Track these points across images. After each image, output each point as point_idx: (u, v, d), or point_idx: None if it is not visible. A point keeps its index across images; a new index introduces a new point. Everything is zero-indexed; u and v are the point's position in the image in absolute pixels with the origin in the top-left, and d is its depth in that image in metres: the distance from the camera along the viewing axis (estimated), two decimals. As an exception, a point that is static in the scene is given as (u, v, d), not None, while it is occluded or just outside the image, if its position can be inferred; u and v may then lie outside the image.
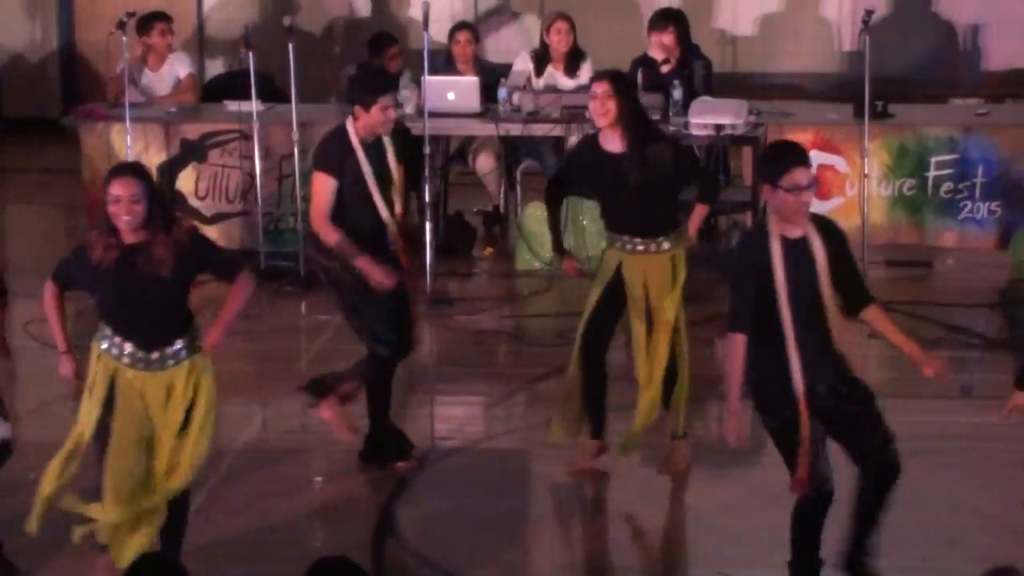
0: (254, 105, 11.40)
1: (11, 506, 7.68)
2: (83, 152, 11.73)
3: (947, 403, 8.88)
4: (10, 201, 11.39)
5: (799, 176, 6.80)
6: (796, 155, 7.04)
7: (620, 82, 8.56)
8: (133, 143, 11.43)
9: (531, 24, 13.85)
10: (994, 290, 10.10)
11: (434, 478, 8.38)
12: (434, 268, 10.72)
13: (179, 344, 7.17)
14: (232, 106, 11.73)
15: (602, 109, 8.41)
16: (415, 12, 13.26)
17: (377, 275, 8.18)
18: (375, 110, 8.43)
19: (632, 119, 8.46)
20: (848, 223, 10.40)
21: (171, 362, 7.15)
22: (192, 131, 11.85)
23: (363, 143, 8.56)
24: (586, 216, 11.47)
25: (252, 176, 11.57)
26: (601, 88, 8.43)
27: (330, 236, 8.24)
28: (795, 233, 6.90)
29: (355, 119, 8.56)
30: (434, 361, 9.54)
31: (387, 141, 8.75)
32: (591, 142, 8.75)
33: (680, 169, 8.57)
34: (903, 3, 14.01)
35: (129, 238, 6.95)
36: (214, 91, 13.02)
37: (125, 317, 7.08)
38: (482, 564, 7.80)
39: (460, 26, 12.94)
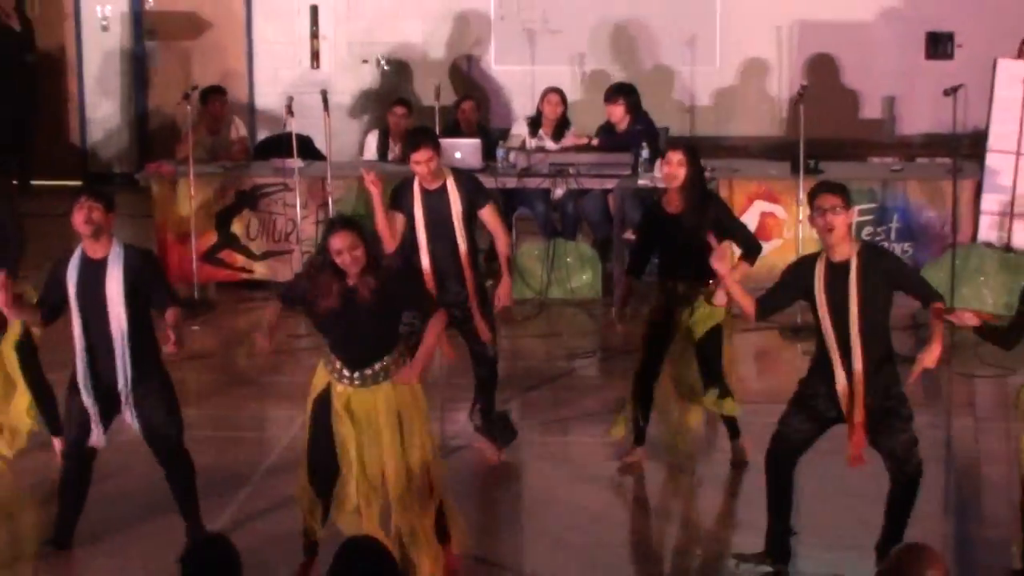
0: (295, 162, 11.34)
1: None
2: (154, 202, 11.72)
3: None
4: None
5: (821, 200, 6.82)
6: (824, 186, 7.08)
7: (692, 153, 8.45)
8: (196, 194, 11.37)
9: (525, 97, 13.76)
10: (908, 315, 10.06)
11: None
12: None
13: (381, 363, 6.99)
14: (277, 163, 11.70)
15: (674, 174, 8.31)
16: (431, 84, 13.28)
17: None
18: (411, 164, 8.34)
19: (695, 184, 8.37)
20: (785, 261, 10.40)
21: (372, 381, 6.99)
22: (245, 184, 11.83)
23: (424, 190, 8.42)
24: (571, 255, 11.50)
25: (294, 221, 11.58)
26: (676, 156, 8.34)
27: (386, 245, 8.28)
28: (838, 257, 6.88)
29: None
30: (444, 375, 9.49)
31: (454, 192, 8.53)
32: (655, 207, 8.65)
33: (725, 224, 8.43)
34: (832, 78, 14.08)
35: (353, 281, 6.84)
36: (263, 150, 13.02)
37: (343, 342, 6.97)
38: (485, 541, 7.69)
39: (464, 98, 13.08)
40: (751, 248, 8.48)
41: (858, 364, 6.91)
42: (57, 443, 8.24)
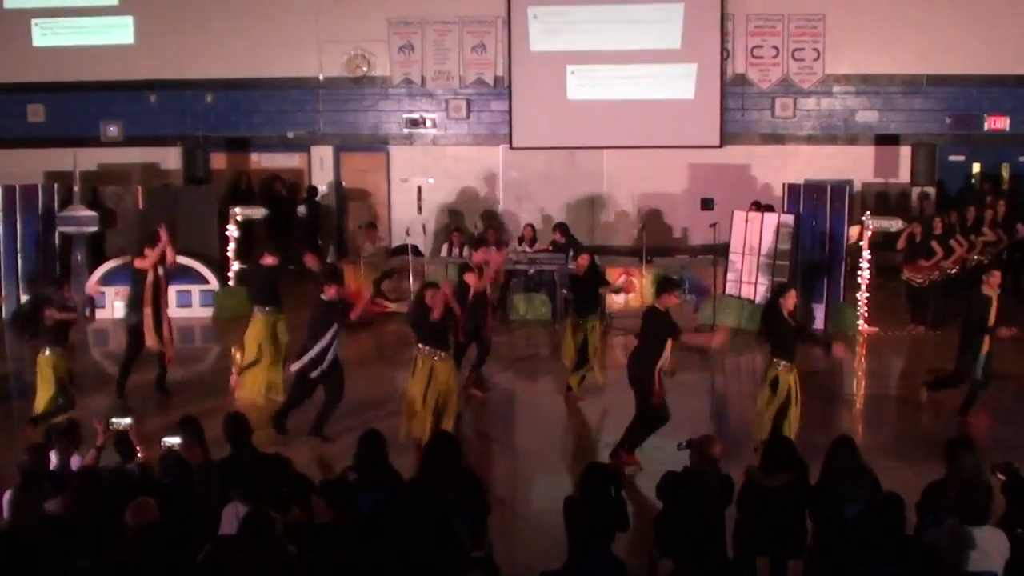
0: (409, 257, 11.18)
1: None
2: (346, 274, 11.00)
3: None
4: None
5: (670, 290, 6.60)
6: (669, 283, 6.72)
7: (591, 254, 8.18)
8: (365, 271, 11.24)
9: (517, 226, 13.04)
10: (691, 327, 9.21)
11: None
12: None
13: (443, 351, 6.86)
14: (401, 257, 11.50)
15: (581, 264, 8.04)
16: (473, 220, 13.19)
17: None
18: (481, 251, 8.23)
19: (592, 266, 8.00)
20: (638, 302, 10.28)
21: (435, 357, 6.78)
22: (386, 266, 11.56)
23: (477, 265, 8.18)
24: (537, 299, 11.07)
25: (409, 284, 11.08)
26: (584, 255, 8.15)
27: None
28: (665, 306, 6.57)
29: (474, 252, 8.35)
30: (465, 365, 8.36)
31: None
32: (575, 275, 8.16)
33: (600, 283, 8.18)
34: (658, 218, 13.46)
35: (439, 312, 6.72)
36: (395, 252, 12.54)
37: (430, 335, 6.79)
38: (486, 426, 7.54)
39: (487, 227, 12.64)
40: (603, 284, 8.16)
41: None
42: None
